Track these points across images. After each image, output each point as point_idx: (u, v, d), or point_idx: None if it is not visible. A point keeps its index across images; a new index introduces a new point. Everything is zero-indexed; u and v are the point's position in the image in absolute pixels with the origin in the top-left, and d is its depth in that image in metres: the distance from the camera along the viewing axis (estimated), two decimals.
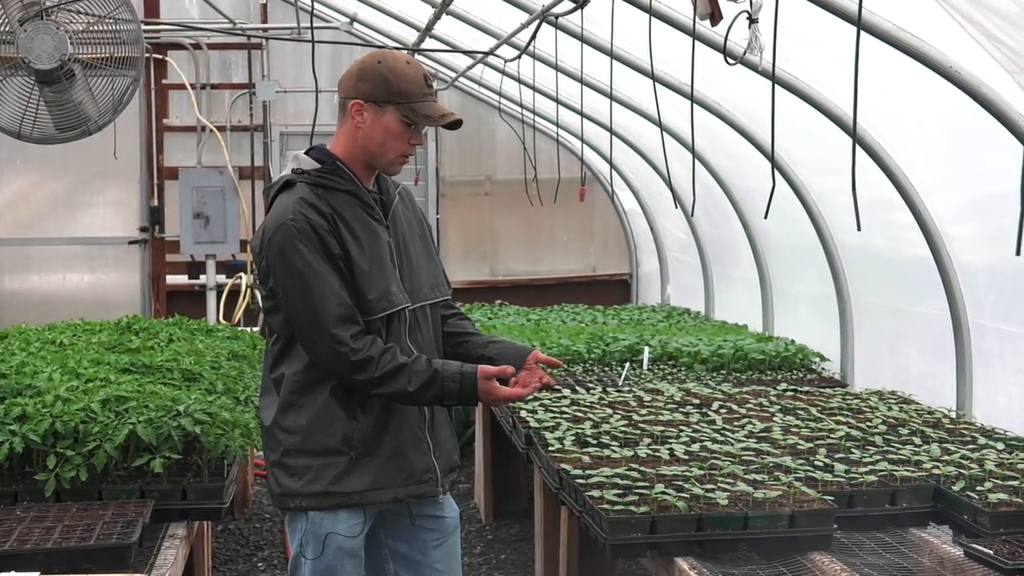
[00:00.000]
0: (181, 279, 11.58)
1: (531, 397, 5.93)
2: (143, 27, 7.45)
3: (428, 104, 3.70)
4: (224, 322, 10.22)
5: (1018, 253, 3.23)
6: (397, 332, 3.72)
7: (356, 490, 3.69)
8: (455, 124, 3.74)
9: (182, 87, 11.54)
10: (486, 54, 8.76)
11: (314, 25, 6.95)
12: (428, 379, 3.63)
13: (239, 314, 10.97)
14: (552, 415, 5.54)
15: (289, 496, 3.70)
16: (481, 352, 3.88)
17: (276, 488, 3.74)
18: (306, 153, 3.79)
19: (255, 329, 10.25)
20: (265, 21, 11.59)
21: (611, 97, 7.23)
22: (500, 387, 3.70)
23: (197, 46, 11.70)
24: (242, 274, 11.09)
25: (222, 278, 11.22)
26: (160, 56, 11.49)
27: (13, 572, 3.46)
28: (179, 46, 11.67)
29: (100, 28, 6.96)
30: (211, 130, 11.42)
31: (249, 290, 11.04)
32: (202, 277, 11.25)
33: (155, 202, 11.53)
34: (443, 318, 3.99)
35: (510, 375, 3.74)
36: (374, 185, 3.82)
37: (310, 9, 7.42)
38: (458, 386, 3.65)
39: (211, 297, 11.13)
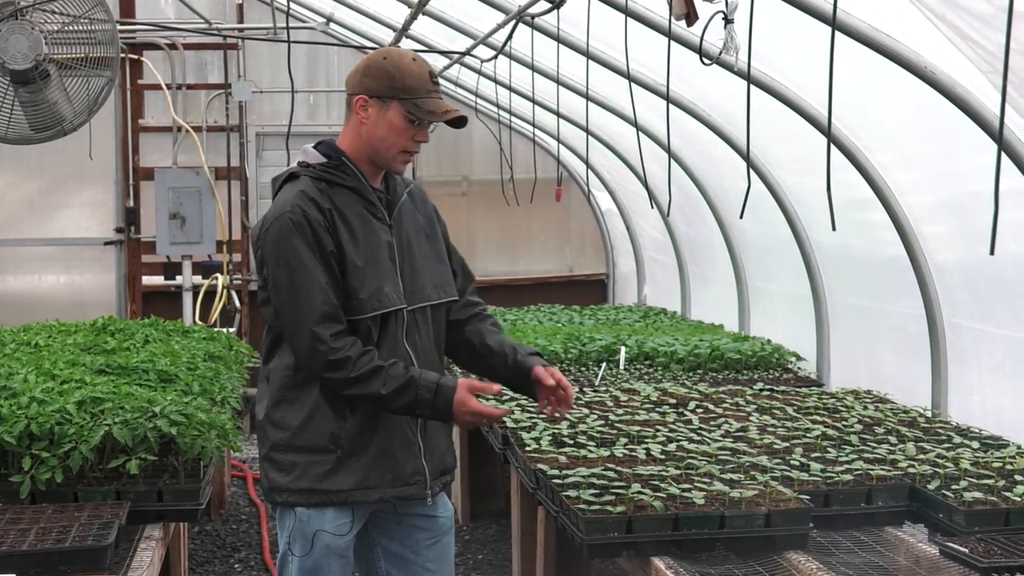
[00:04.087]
0: (157, 280, 11.51)
1: (507, 397, 5.94)
2: (118, 27, 7.41)
3: (432, 100, 3.68)
4: (200, 323, 10.18)
5: (992, 252, 3.24)
6: (393, 333, 3.70)
7: (342, 488, 3.68)
8: (459, 121, 3.71)
9: (158, 87, 11.48)
10: (462, 54, 8.75)
11: (290, 25, 6.95)
12: (402, 384, 3.60)
13: (215, 315, 10.93)
14: (529, 415, 5.54)
15: (277, 491, 3.72)
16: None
17: (265, 482, 3.78)
18: (314, 147, 3.78)
19: (231, 330, 10.24)
20: (241, 21, 11.55)
21: (587, 97, 7.24)
22: (475, 402, 3.65)
23: (173, 46, 11.65)
24: (218, 275, 11.05)
25: (198, 279, 11.18)
26: (136, 56, 11.42)
27: None
28: (155, 46, 11.61)
29: (75, 28, 6.93)
30: (187, 130, 11.37)
31: (225, 291, 11.01)
32: (178, 278, 11.20)
33: (131, 203, 11.46)
34: (459, 322, 3.93)
35: (494, 393, 3.73)
36: (381, 184, 3.80)
37: (286, 9, 7.37)
38: (432, 395, 3.60)
39: (187, 298, 11.09)
